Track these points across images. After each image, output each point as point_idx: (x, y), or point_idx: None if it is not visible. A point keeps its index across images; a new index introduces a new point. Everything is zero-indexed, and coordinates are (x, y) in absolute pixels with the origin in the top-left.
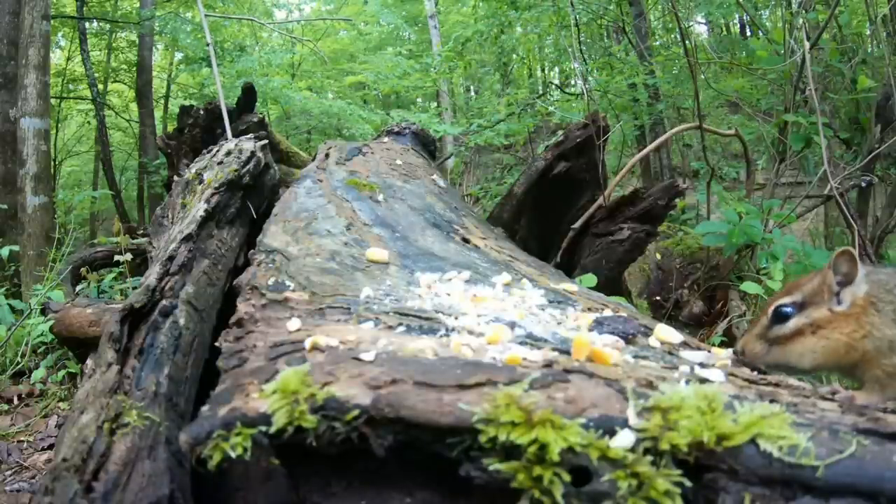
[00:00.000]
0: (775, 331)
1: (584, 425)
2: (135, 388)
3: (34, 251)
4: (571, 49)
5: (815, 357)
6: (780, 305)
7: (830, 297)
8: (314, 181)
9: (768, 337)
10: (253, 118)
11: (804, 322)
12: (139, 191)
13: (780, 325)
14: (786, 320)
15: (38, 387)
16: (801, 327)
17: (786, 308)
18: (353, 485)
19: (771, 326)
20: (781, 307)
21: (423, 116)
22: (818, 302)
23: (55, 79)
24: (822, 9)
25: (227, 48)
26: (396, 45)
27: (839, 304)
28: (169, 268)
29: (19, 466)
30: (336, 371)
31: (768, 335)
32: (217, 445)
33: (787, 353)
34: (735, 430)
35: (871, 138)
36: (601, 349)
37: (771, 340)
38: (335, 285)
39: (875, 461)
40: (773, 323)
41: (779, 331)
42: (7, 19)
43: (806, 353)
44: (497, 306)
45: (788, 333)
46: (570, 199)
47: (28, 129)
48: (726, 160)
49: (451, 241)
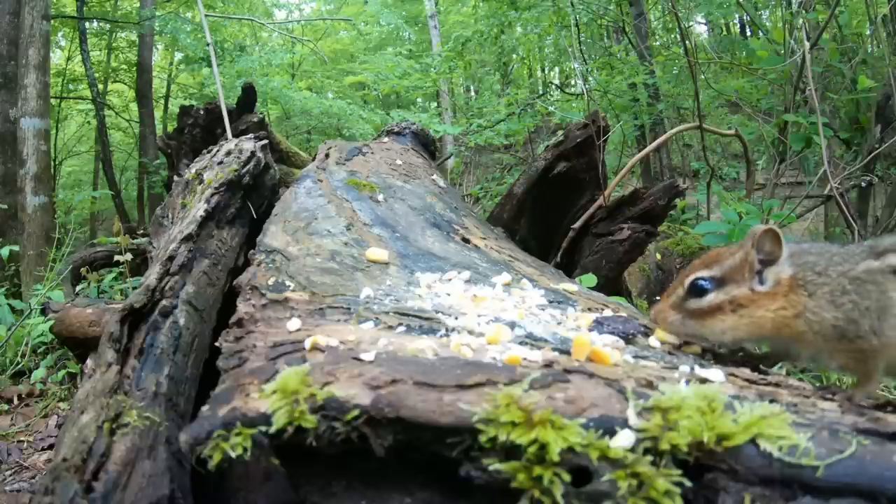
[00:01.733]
0: (691, 304)
1: (584, 425)
2: (135, 388)
3: (34, 251)
4: (571, 49)
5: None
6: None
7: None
8: (314, 181)
9: (683, 308)
10: (253, 118)
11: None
12: (139, 191)
13: (696, 298)
14: (702, 294)
15: (38, 387)
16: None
17: (702, 282)
18: (353, 485)
19: (687, 298)
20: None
21: (423, 116)
22: (738, 280)
23: (55, 79)
24: (822, 9)
25: (227, 48)
26: (396, 45)
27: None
28: (169, 268)
29: (19, 466)
30: (336, 371)
31: (684, 306)
32: (217, 445)
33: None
34: (735, 430)
35: (871, 138)
36: (601, 349)
37: (686, 312)
38: (335, 285)
39: (875, 461)
40: (689, 295)
41: (695, 304)
42: (7, 19)
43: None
44: (497, 306)
45: (706, 308)
46: (570, 199)
47: (28, 129)
48: (726, 160)
49: (451, 241)
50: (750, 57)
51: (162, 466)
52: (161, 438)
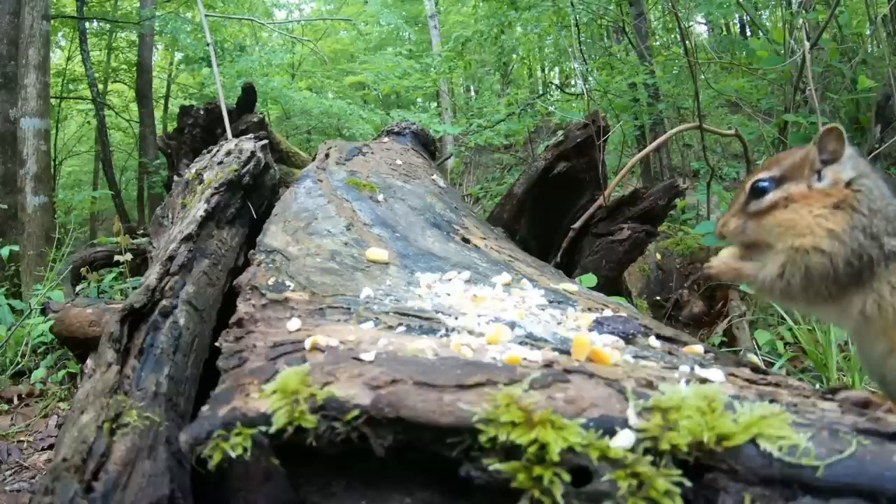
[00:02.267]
0: (753, 206)
1: (584, 425)
2: (135, 388)
3: (34, 251)
4: (571, 49)
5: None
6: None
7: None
8: (314, 181)
9: (746, 212)
10: (253, 118)
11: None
12: (139, 191)
13: (757, 199)
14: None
15: (38, 387)
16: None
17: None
18: (353, 485)
19: (748, 202)
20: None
21: (423, 116)
22: (797, 177)
23: (55, 79)
24: (822, 9)
25: (227, 48)
26: (396, 45)
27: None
28: (169, 268)
29: (19, 466)
30: (336, 371)
31: (746, 210)
32: (217, 445)
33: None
34: (735, 430)
35: (871, 138)
36: (601, 349)
37: (748, 216)
38: (335, 285)
39: (875, 461)
40: (751, 198)
41: (756, 206)
42: (7, 19)
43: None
44: (497, 306)
45: (765, 207)
46: (570, 199)
47: (28, 129)
48: (726, 160)
49: (451, 241)
50: (750, 57)
51: (162, 466)
52: (161, 438)
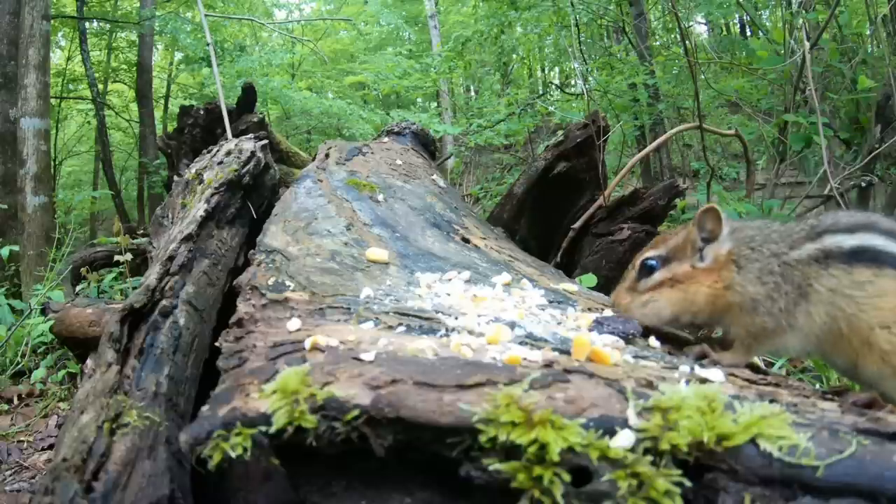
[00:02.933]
0: (642, 284)
1: (584, 425)
2: (135, 388)
3: (34, 251)
4: (571, 49)
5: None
6: (645, 259)
7: (694, 252)
8: (314, 181)
9: (636, 289)
10: (253, 118)
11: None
12: (139, 191)
13: (646, 278)
14: (651, 273)
15: (38, 387)
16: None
17: (650, 261)
18: (353, 485)
19: (639, 279)
20: (647, 260)
21: (423, 116)
22: (681, 257)
23: (55, 79)
24: (822, 9)
25: (227, 48)
26: (396, 45)
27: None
28: (169, 268)
29: (19, 466)
30: (336, 371)
31: (636, 287)
32: (217, 445)
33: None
34: (735, 430)
35: (871, 138)
36: (601, 349)
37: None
38: (335, 285)
39: (875, 461)
40: (640, 276)
41: (645, 284)
42: (7, 19)
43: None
44: (497, 306)
45: (653, 285)
46: (570, 199)
47: (28, 129)
48: (726, 160)
49: (451, 241)
50: (750, 57)
51: (162, 466)
52: (161, 438)
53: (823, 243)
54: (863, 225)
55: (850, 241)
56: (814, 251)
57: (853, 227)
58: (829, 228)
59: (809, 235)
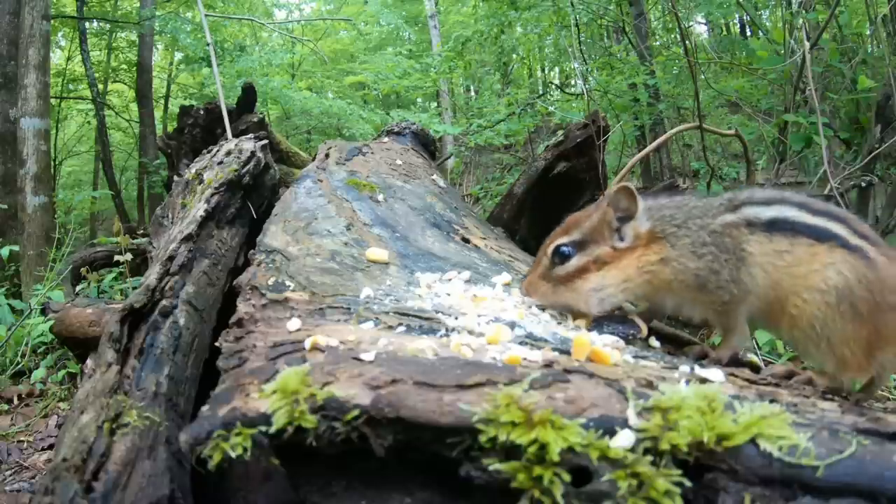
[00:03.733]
0: (558, 271)
1: (584, 425)
2: (135, 388)
3: (34, 251)
4: (571, 49)
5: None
6: (558, 245)
7: (611, 233)
8: (314, 181)
9: (552, 277)
10: (253, 118)
11: (586, 260)
12: (139, 191)
13: (561, 265)
14: (566, 260)
15: (38, 387)
16: (585, 265)
17: (564, 248)
18: (353, 485)
19: (553, 266)
20: (560, 246)
21: (423, 116)
22: (598, 240)
23: (55, 79)
24: (822, 9)
25: (227, 48)
26: (396, 45)
27: (621, 240)
28: (169, 268)
29: (19, 466)
30: (336, 371)
31: (551, 275)
32: (217, 445)
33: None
34: (735, 430)
35: (871, 138)
36: (601, 349)
37: (554, 280)
38: (335, 285)
39: (875, 461)
40: (554, 263)
41: (561, 270)
42: (7, 19)
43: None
44: (497, 306)
45: (573, 272)
46: (570, 199)
47: (28, 129)
48: (726, 160)
49: (451, 241)
50: (750, 57)
51: (162, 466)
52: (161, 438)
53: (743, 213)
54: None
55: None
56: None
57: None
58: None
59: (728, 208)
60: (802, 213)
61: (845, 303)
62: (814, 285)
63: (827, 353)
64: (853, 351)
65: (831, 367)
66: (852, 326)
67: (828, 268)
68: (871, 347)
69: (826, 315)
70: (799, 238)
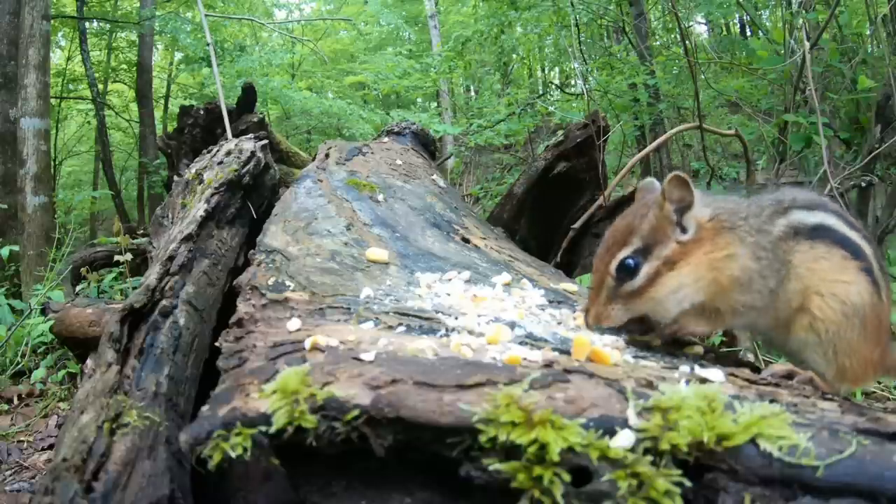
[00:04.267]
0: (627, 287)
1: (584, 425)
2: (135, 388)
3: (34, 251)
4: (571, 49)
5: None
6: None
7: (673, 227)
8: (314, 181)
9: (621, 295)
10: (253, 118)
11: (657, 264)
12: (139, 191)
13: (631, 279)
14: (635, 272)
15: (38, 387)
16: (657, 270)
17: (629, 260)
18: (353, 485)
19: (620, 285)
20: (625, 260)
21: (423, 116)
22: (662, 239)
23: (55, 79)
24: (822, 9)
25: (227, 48)
26: (396, 45)
27: (684, 232)
28: (169, 268)
29: (19, 466)
30: (336, 371)
31: (621, 293)
32: (217, 445)
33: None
34: (735, 430)
35: (871, 138)
36: (601, 349)
37: (623, 299)
38: (335, 285)
39: (875, 461)
40: (622, 280)
41: (632, 285)
42: (7, 19)
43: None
44: (497, 306)
45: (645, 282)
46: (570, 199)
47: (28, 129)
48: (726, 160)
49: (451, 241)
50: (750, 57)
51: (162, 466)
52: (161, 438)
53: (790, 219)
54: (818, 203)
55: (812, 218)
56: (786, 227)
57: (811, 204)
58: (791, 205)
59: (778, 210)
60: (841, 223)
61: (858, 317)
62: (837, 294)
63: (830, 360)
64: (853, 363)
65: (830, 375)
66: (857, 340)
67: (852, 285)
68: (866, 365)
69: (840, 323)
70: (836, 248)
